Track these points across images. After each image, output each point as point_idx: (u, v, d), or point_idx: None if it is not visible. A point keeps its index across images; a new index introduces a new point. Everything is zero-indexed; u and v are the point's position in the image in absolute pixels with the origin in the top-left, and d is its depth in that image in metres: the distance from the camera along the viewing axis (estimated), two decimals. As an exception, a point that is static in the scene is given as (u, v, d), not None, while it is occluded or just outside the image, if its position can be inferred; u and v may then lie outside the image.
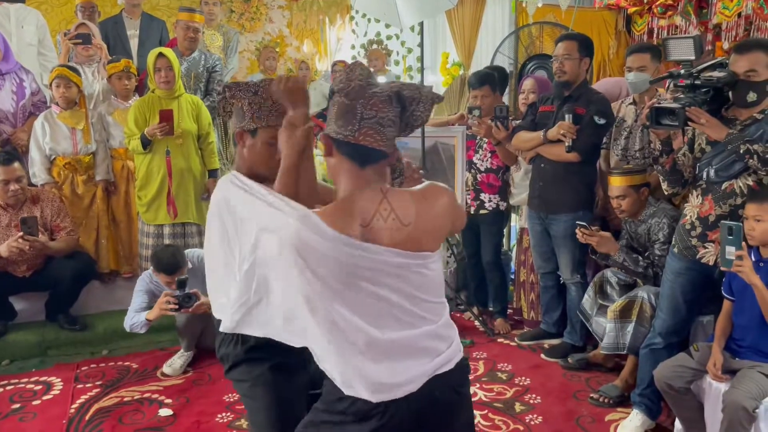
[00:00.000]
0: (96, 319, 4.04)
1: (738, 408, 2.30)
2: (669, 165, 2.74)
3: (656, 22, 5.06)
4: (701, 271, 2.70)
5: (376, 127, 1.44)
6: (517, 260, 4.25)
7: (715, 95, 2.56)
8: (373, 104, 1.44)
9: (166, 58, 3.87)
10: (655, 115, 2.59)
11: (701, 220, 2.64)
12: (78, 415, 3.09)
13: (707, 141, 2.63)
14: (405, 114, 1.49)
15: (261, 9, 7.05)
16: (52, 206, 3.84)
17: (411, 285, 1.46)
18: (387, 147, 1.47)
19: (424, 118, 1.52)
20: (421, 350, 1.48)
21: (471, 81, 4.09)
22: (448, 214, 1.54)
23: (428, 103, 1.50)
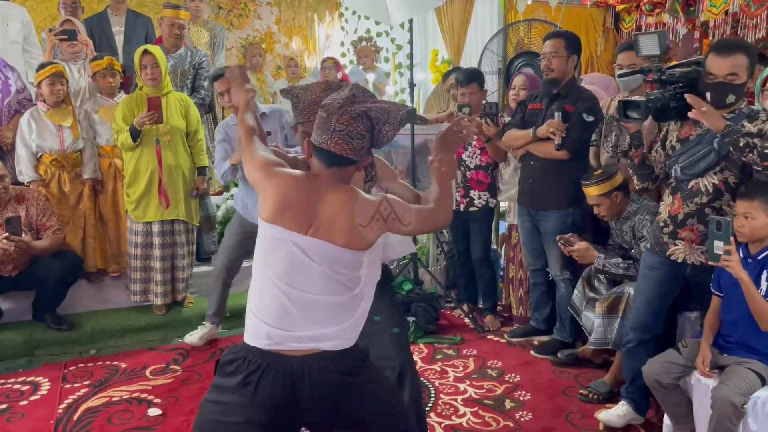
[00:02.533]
0: (83, 318, 4.01)
1: (727, 404, 2.32)
2: (638, 159, 2.76)
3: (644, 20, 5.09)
4: (673, 268, 2.73)
5: (345, 138, 1.75)
6: (506, 257, 4.26)
7: (686, 92, 2.52)
8: (345, 120, 1.75)
9: (152, 55, 3.84)
10: (623, 109, 2.63)
11: (672, 218, 2.68)
12: (66, 416, 3.07)
13: (677, 138, 2.65)
14: (374, 131, 1.79)
15: (249, 5, 7.01)
16: (38, 205, 3.81)
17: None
18: (354, 155, 1.77)
19: (390, 137, 1.80)
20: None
21: (459, 78, 4.09)
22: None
23: (394, 125, 1.78)
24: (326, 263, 1.73)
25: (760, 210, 2.41)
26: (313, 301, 1.74)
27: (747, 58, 2.45)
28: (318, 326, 1.74)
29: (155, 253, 3.98)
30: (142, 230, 3.98)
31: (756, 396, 2.36)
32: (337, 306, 1.76)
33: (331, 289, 1.75)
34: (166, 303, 4.07)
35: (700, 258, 2.62)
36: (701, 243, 2.59)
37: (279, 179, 1.80)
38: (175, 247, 4.04)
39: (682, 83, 2.56)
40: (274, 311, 1.74)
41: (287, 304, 1.74)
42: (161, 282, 4.01)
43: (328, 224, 1.73)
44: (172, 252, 4.04)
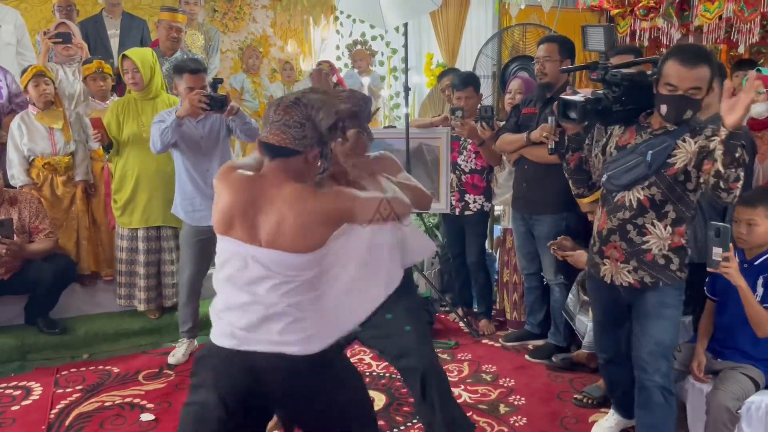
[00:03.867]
0: (76, 322, 3.99)
1: (722, 409, 2.33)
2: (574, 163, 2.57)
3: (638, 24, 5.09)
4: (610, 290, 2.48)
5: (283, 128, 1.72)
6: (501, 261, 4.26)
7: (634, 96, 2.33)
8: (281, 110, 1.73)
9: (130, 60, 3.75)
10: (562, 108, 2.41)
11: (598, 234, 2.48)
12: (58, 421, 3.05)
13: (617, 144, 2.43)
14: (311, 118, 1.73)
15: (244, 9, 7.01)
16: (30, 208, 3.79)
17: None
18: (295, 145, 1.73)
19: (324, 125, 1.74)
20: None
21: (455, 82, 4.09)
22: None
23: (329, 112, 1.74)
24: (282, 270, 1.73)
25: (763, 217, 2.42)
26: (274, 305, 1.75)
27: (710, 70, 2.21)
28: (279, 331, 1.76)
29: (140, 258, 3.94)
30: (127, 235, 3.94)
31: (750, 401, 2.37)
32: (298, 310, 1.76)
33: (290, 293, 1.75)
34: (149, 309, 4.02)
35: (627, 278, 2.39)
36: (626, 261, 2.38)
37: (226, 184, 1.78)
38: (162, 253, 3.98)
39: (626, 85, 2.33)
40: (237, 314, 1.78)
41: (249, 308, 1.76)
42: (145, 288, 3.97)
43: (277, 229, 1.71)
44: (159, 258, 3.99)
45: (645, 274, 2.36)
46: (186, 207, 3.56)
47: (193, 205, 3.53)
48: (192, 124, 3.46)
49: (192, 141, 3.49)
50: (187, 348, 3.73)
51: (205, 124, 3.50)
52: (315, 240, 1.72)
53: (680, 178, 2.27)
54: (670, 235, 2.31)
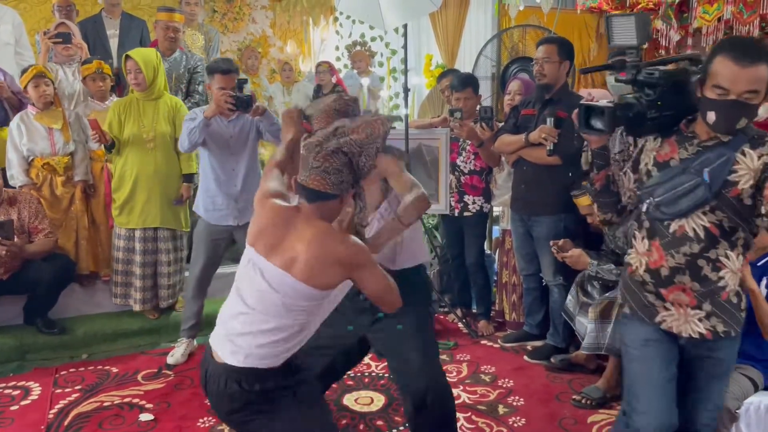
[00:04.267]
0: (75, 322, 3.99)
1: (722, 409, 2.33)
2: (600, 183, 2.12)
3: (637, 26, 5.10)
4: (670, 340, 2.03)
5: (322, 174, 1.80)
6: (500, 262, 4.26)
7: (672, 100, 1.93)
8: (321, 157, 1.80)
9: (133, 61, 3.76)
10: (584, 116, 2.00)
11: (652, 273, 2.01)
12: (57, 421, 3.04)
13: (654, 161, 2.00)
14: (352, 164, 1.82)
15: (244, 9, 7.01)
16: (30, 208, 3.79)
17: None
18: (333, 190, 1.82)
19: (370, 166, 1.84)
20: None
21: (454, 83, 4.10)
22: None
23: (370, 154, 1.83)
24: (283, 290, 1.82)
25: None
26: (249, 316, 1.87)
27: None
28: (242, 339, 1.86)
29: (136, 258, 3.95)
30: (124, 235, 3.95)
31: (749, 401, 2.38)
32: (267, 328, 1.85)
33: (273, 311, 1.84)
34: (145, 309, 4.02)
35: (698, 327, 1.97)
36: (698, 306, 1.96)
37: (266, 208, 1.92)
38: (159, 254, 3.98)
39: (664, 87, 1.93)
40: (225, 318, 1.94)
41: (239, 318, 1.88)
42: (140, 288, 3.97)
43: (291, 255, 1.81)
44: (155, 259, 3.98)
45: (719, 321, 1.95)
46: (207, 205, 3.56)
47: (215, 204, 3.53)
48: (223, 124, 3.47)
49: (222, 140, 3.49)
50: (186, 348, 3.72)
51: (236, 124, 3.50)
52: (323, 280, 1.81)
53: (747, 201, 1.86)
54: (742, 265, 1.97)
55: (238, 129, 3.51)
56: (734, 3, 4.27)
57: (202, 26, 5.35)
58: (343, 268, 1.81)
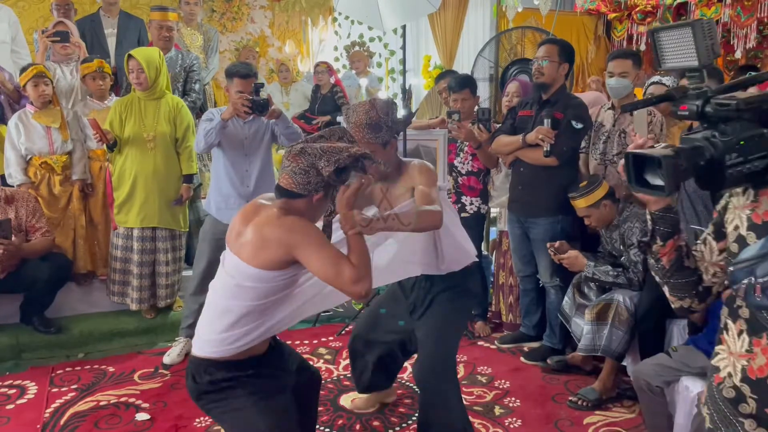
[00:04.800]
0: (72, 321, 3.98)
1: None
2: (669, 259, 1.53)
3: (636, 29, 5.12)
4: None
5: (290, 173, 1.94)
6: (497, 263, 4.26)
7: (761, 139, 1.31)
8: (290, 157, 1.94)
9: (136, 60, 3.77)
10: (634, 168, 1.40)
11: (753, 385, 1.40)
12: (53, 420, 3.04)
13: (750, 223, 1.42)
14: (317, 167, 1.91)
15: (243, 9, 7.02)
16: (27, 207, 3.78)
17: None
18: (299, 189, 1.94)
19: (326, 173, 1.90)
20: None
21: (451, 84, 4.09)
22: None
23: (330, 161, 1.89)
24: (233, 272, 1.98)
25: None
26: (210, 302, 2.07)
27: None
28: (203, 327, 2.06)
29: (134, 258, 3.94)
30: (123, 234, 3.95)
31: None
32: (219, 310, 2.01)
33: (226, 293, 2.00)
34: (141, 308, 4.02)
35: None
36: None
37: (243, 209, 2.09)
38: (157, 254, 3.98)
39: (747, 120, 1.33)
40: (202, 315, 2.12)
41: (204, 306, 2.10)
42: (137, 288, 3.97)
43: (243, 240, 1.96)
44: (153, 258, 3.98)
45: None
46: (219, 204, 3.57)
47: (227, 203, 3.53)
48: (239, 125, 3.50)
49: (236, 141, 3.53)
50: (183, 348, 3.71)
51: (252, 126, 3.53)
52: (265, 259, 1.91)
53: None
54: None
55: (253, 131, 3.55)
56: (732, 6, 4.28)
57: (201, 26, 5.34)
58: (282, 246, 1.89)
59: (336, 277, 1.88)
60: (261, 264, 1.91)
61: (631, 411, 3.11)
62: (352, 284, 1.88)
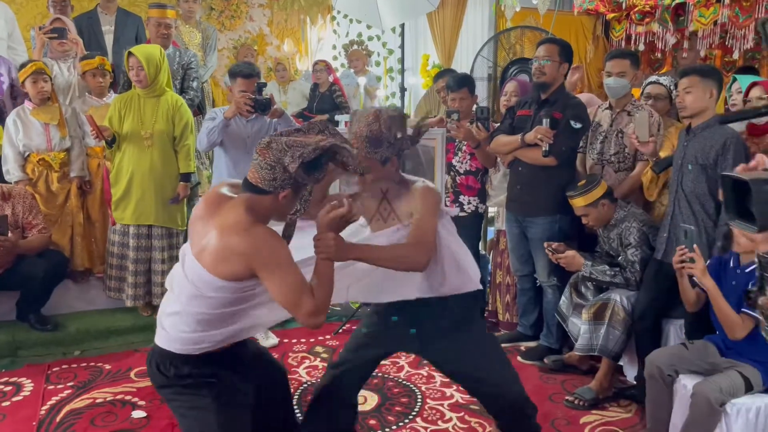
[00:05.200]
0: (68, 319, 3.97)
1: (702, 399, 2.35)
2: None
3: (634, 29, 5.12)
4: None
5: (257, 167, 1.85)
6: (494, 262, 4.26)
7: None
8: (258, 150, 1.84)
9: (135, 58, 3.77)
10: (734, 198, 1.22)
11: None
12: (49, 417, 3.03)
13: None
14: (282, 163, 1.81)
15: (241, 7, 7.01)
16: (24, 203, 3.77)
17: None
18: (265, 186, 1.84)
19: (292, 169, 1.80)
20: None
21: (449, 84, 4.09)
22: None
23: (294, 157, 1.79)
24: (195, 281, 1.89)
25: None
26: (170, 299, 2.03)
27: None
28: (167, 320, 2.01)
29: (129, 254, 3.95)
30: (119, 230, 3.96)
31: (741, 402, 2.38)
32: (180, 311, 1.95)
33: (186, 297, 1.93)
34: (137, 305, 4.03)
35: None
36: None
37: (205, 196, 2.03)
38: (152, 251, 3.98)
39: None
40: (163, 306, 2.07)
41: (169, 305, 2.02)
42: (132, 285, 3.97)
43: (204, 243, 1.86)
44: (149, 256, 3.98)
45: None
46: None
47: None
48: (242, 123, 3.57)
49: (239, 139, 3.58)
50: None
51: (255, 124, 3.60)
52: (226, 270, 1.82)
53: None
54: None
55: (255, 129, 3.61)
56: (730, 7, 4.29)
57: (199, 23, 5.34)
58: (244, 261, 1.80)
59: (294, 306, 1.82)
60: (222, 275, 1.83)
61: (627, 410, 3.11)
62: (308, 317, 1.82)
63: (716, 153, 2.82)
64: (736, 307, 2.42)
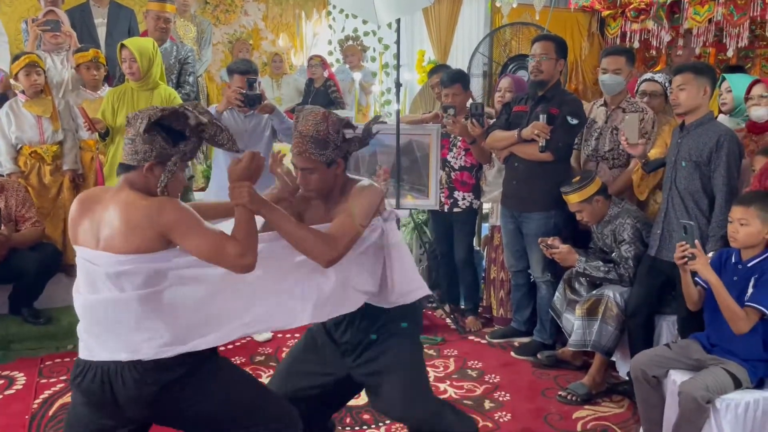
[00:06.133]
0: (61, 312, 3.94)
1: (689, 398, 2.37)
2: None
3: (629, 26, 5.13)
4: None
5: (125, 145, 1.86)
6: (488, 258, 4.27)
7: None
8: (127, 126, 1.86)
9: (128, 50, 3.76)
10: None
11: None
12: (41, 411, 3.03)
13: None
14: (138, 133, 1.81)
15: (236, 1, 6.98)
16: (17, 196, 3.75)
17: None
18: (129, 160, 1.85)
19: (142, 131, 1.79)
20: None
21: (442, 79, 4.08)
22: None
23: (144, 120, 1.78)
24: (114, 269, 1.80)
25: (755, 217, 2.45)
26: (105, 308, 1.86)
27: None
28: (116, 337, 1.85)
29: None
30: None
31: (729, 398, 2.40)
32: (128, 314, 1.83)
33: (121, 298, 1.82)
34: None
35: None
36: None
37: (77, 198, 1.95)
38: None
39: None
40: (85, 323, 1.92)
41: (91, 316, 1.89)
42: None
43: (110, 232, 1.81)
44: None
45: None
46: (219, 195, 3.60)
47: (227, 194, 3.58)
48: (239, 118, 3.63)
49: (236, 134, 3.54)
50: None
51: (251, 120, 3.66)
52: (138, 242, 1.79)
53: None
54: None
55: (252, 124, 3.68)
56: (725, 5, 4.30)
57: (194, 17, 5.31)
58: (153, 228, 1.78)
59: (219, 254, 1.79)
60: (133, 248, 1.78)
61: (620, 406, 3.13)
62: (237, 259, 1.79)
63: (710, 150, 2.83)
64: (739, 302, 2.43)
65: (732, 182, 2.81)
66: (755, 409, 2.40)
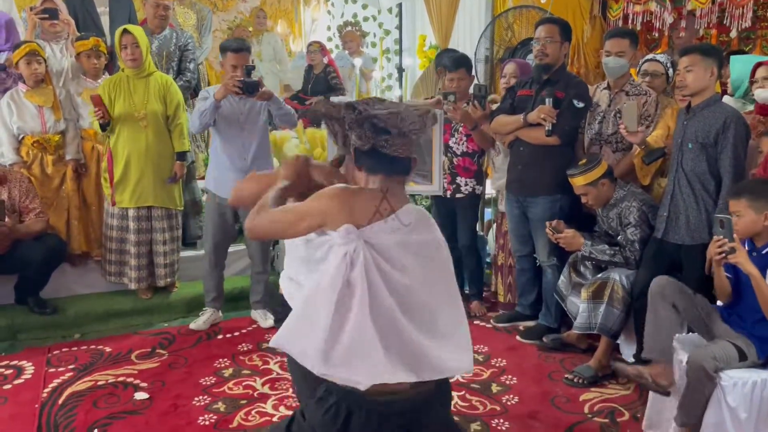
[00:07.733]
0: (67, 302, 3.97)
1: (698, 366, 2.39)
2: None
3: (631, 8, 5.09)
4: None
5: None
6: (497, 244, 4.27)
7: None
8: None
9: (132, 35, 3.75)
10: None
11: None
12: (51, 399, 3.04)
13: None
14: None
15: (234, -13, 6.94)
16: (20, 187, 3.75)
17: None
18: None
19: None
20: None
21: (446, 64, 4.06)
22: None
23: None
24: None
25: (746, 207, 2.46)
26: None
27: None
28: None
29: (130, 237, 3.94)
30: (117, 214, 3.94)
31: (737, 377, 2.40)
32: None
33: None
34: (140, 287, 4.03)
35: None
36: None
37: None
38: (153, 233, 3.97)
39: None
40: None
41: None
42: (135, 267, 3.97)
43: None
44: (150, 238, 3.98)
45: None
46: (218, 178, 3.69)
47: (226, 178, 3.60)
48: (234, 101, 3.62)
49: (232, 117, 3.64)
50: (210, 316, 3.87)
51: (247, 102, 3.65)
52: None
53: None
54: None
55: (248, 107, 3.67)
56: (729, -16, 4.27)
57: (194, 4, 5.28)
58: None
59: None
60: None
61: (626, 388, 3.15)
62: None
63: (716, 132, 2.83)
64: None
65: (739, 164, 2.81)
66: (762, 388, 2.41)
